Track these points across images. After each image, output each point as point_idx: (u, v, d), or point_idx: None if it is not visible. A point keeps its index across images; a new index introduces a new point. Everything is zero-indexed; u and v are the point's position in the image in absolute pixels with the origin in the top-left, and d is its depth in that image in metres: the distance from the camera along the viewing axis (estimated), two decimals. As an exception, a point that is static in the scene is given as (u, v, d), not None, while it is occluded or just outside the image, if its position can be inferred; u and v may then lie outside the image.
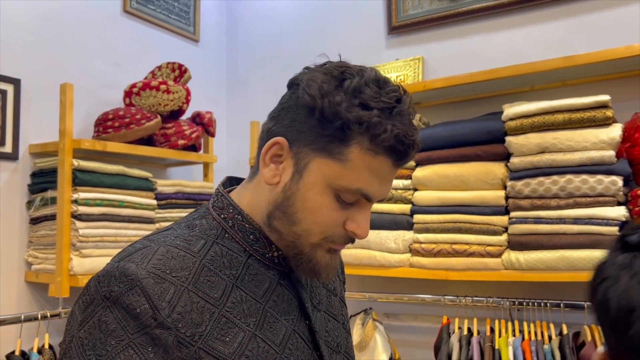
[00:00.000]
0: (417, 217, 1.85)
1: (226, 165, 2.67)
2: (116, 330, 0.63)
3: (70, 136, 1.77)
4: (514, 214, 1.69)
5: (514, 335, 1.68)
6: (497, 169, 1.71)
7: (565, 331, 1.61)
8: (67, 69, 2.02)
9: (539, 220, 1.64)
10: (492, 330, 1.73)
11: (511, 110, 1.69)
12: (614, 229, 1.52)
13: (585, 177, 1.57)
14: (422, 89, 1.91)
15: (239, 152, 2.63)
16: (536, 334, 1.66)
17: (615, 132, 1.55)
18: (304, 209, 0.73)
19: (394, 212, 1.89)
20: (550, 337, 1.63)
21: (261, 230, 0.78)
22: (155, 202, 2.02)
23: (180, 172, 2.44)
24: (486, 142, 1.74)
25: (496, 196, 1.72)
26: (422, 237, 1.83)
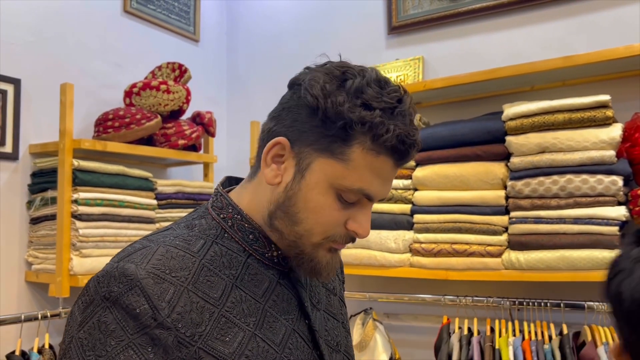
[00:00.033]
0: (417, 217, 1.85)
1: (226, 165, 2.67)
2: (116, 330, 0.63)
3: (70, 136, 1.77)
4: (514, 214, 1.69)
5: (514, 335, 1.68)
6: (497, 169, 1.71)
7: (565, 331, 1.61)
8: (67, 69, 2.02)
9: (539, 220, 1.64)
10: (493, 330, 1.73)
11: (511, 110, 1.69)
12: (614, 229, 1.52)
13: (585, 177, 1.57)
14: (422, 89, 1.91)
15: (239, 152, 2.63)
16: (536, 333, 1.66)
17: (615, 132, 1.55)
18: (306, 209, 0.74)
19: (394, 212, 1.89)
20: (550, 337, 1.63)
21: (261, 229, 0.78)
22: (155, 202, 2.02)
23: (180, 172, 2.44)
24: (486, 142, 1.74)
25: (496, 196, 1.72)
26: (422, 237, 1.83)
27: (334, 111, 0.70)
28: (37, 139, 1.91)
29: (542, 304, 1.68)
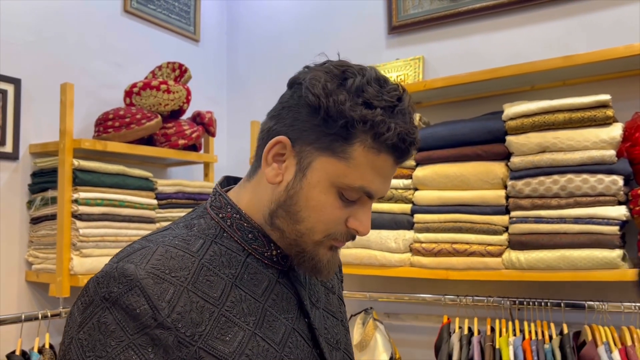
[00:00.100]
0: (418, 217, 1.85)
1: (227, 165, 2.67)
2: (116, 331, 0.63)
3: (70, 136, 1.77)
4: (514, 214, 1.69)
5: (515, 334, 1.68)
6: (497, 169, 1.71)
7: (565, 331, 1.61)
8: (67, 69, 2.02)
9: (539, 219, 1.63)
10: (493, 329, 1.73)
11: (512, 109, 1.69)
12: (615, 229, 1.52)
13: (585, 176, 1.57)
14: (423, 89, 1.91)
15: (239, 151, 2.63)
16: (537, 333, 1.65)
17: (615, 131, 1.55)
18: (307, 207, 0.74)
19: (394, 211, 1.89)
20: (550, 337, 1.63)
21: (260, 229, 0.78)
22: (155, 201, 2.02)
23: (180, 172, 2.44)
24: (487, 141, 1.74)
25: (497, 196, 1.71)
26: (422, 236, 1.83)
27: (335, 110, 0.70)
28: (38, 138, 1.91)
29: (543, 304, 1.68)
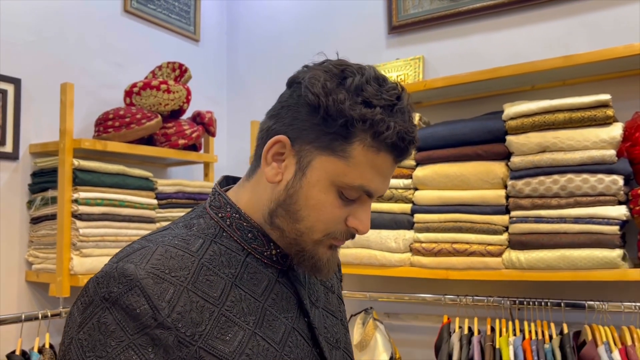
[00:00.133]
0: (418, 217, 1.85)
1: (227, 164, 2.67)
2: (116, 331, 0.63)
3: (70, 136, 1.77)
4: (514, 213, 1.69)
5: (515, 334, 1.68)
6: (497, 168, 1.71)
7: (566, 330, 1.61)
8: (67, 69, 2.02)
9: (539, 219, 1.63)
10: (493, 329, 1.73)
11: (512, 109, 1.69)
12: (615, 228, 1.52)
13: (586, 176, 1.57)
14: (423, 89, 1.91)
15: (239, 151, 2.63)
16: (537, 333, 1.65)
17: (615, 131, 1.55)
18: (307, 207, 0.74)
19: (394, 211, 1.89)
20: (551, 337, 1.63)
21: (259, 228, 0.78)
22: (155, 201, 2.02)
23: (180, 172, 2.44)
24: (487, 141, 1.74)
25: (497, 195, 1.71)
26: (422, 236, 1.82)
27: (335, 109, 0.70)
28: (38, 138, 1.91)
29: (543, 304, 1.68)
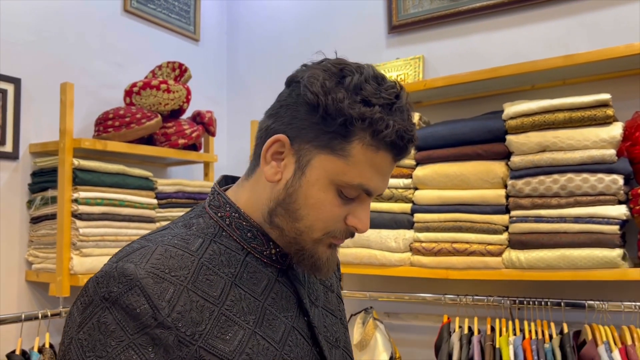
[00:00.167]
0: (418, 216, 1.85)
1: (227, 164, 2.67)
2: (116, 331, 0.63)
3: (70, 135, 1.77)
4: (514, 213, 1.69)
5: (515, 334, 1.68)
6: (497, 168, 1.71)
7: (566, 330, 1.61)
8: (67, 69, 2.02)
9: (539, 219, 1.63)
10: (493, 329, 1.73)
11: (512, 109, 1.69)
12: (615, 228, 1.52)
13: (586, 175, 1.57)
14: (423, 88, 1.91)
15: (239, 151, 2.63)
16: (537, 332, 1.65)
17: (615, 130, 1.55)
18: (306, 205, 0.74)
19: (394, 211, 1.89)
20: (551, 336, 1.63)
21: (259, 227, 0.78)
22: (155, 201, 2.02)
23: (180, 172, 2.44)
24: (487, 141, 1.74)
25: (497, 195, 1.71)
26: (422, 236, 1.82)
27: (334, 108, 0.70)
28: (38, 138, 1.91)
29: (543, 303, 1.68)
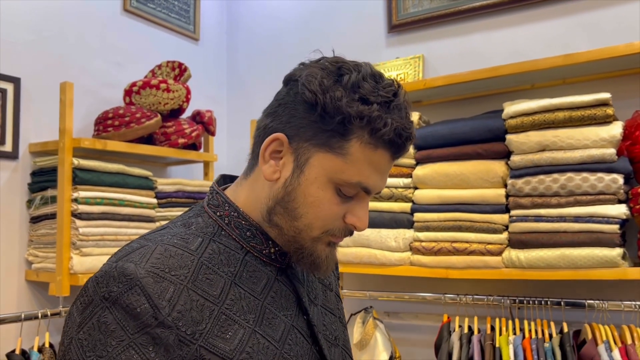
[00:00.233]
0: (418, 216, 1.85)
1: (227, 164, 2.67)
2: (116, 330, 0.63)
3: (70, 135, 1.77)
4: (514, 212, 1.69)
5: (515, 333, 1.68)
6: (497, 167, 1.71)
7: (565, 329, 1.61)
8: (67, 68, 2.02)
9: (539, 218, 1.63)
10: (493, 328, 1.72)
11: (512, 108, 1.69)
12: (615, 227, 1.52)
13: (585, 175, 1.57)
14: (423, 87, 1.91)
15: (239, 150, 2.63)
16: (537, 332, 1.65)
17: (615, 130, 1.55)
18: (305, 204, 0.74)
19: (394, 210, 1.89)
20: (550, 336, 1.63)
21: (258, 226, 0.78)
22: (155, 200, 2.02)
23: (180, 171, 2.44)
24: (487, 140, 1.74)
25: (497, 194, 1.71)
26: (422, 235, 1.82)
27: (332, 106, 0.70)
28: (37, 137, 1.91)
29: (543, 302, 1.68)
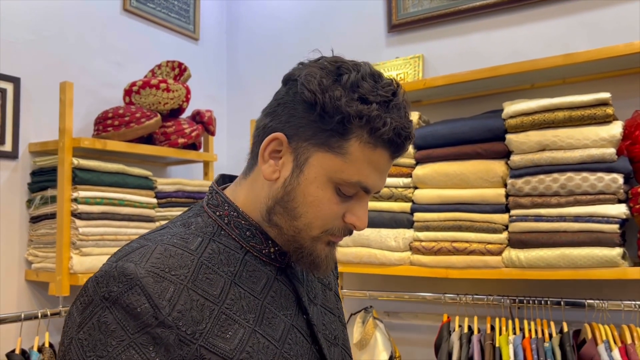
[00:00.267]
0: (418, 215, 1.85)
1: (226, 163, 2.67)
2: (116, 330, 0.63)
3: (70, 135, 1.77)
4: (514, 212, 1.69)
5: (515, 333, 1.68)
6: (497, 167, 1.71)
7: (565, 329, 1.61)
8: (67, 68, 2.02)
9: (539, 218, 1.63)
10: (493, 328, 1.73)
11: (511, 108, 1.69)
12: (615, 227, 1.52)
13: (585, 174, 1.57)
14: (422, 87, 1.91)
15: (239, 150, 2.63)
16: (537, 331, 1.65)
17: (615, 129, 1.55)
18: (305, 203, 0.74)
19: (394, 210, 1.89)
20: (550, 335, 1.63)
21: (257, 226, 0.79)
22: (155, 200, 2.02)
23: (180, 171, 2.44)
24: (486, 139, 1.74)
25: (496, 194, 1.71)
26: (422, 235, 1.82)
27: (331, 106, 0.70)
28: (37, 137, 1.91)
29: (543, 302, 1.68)
